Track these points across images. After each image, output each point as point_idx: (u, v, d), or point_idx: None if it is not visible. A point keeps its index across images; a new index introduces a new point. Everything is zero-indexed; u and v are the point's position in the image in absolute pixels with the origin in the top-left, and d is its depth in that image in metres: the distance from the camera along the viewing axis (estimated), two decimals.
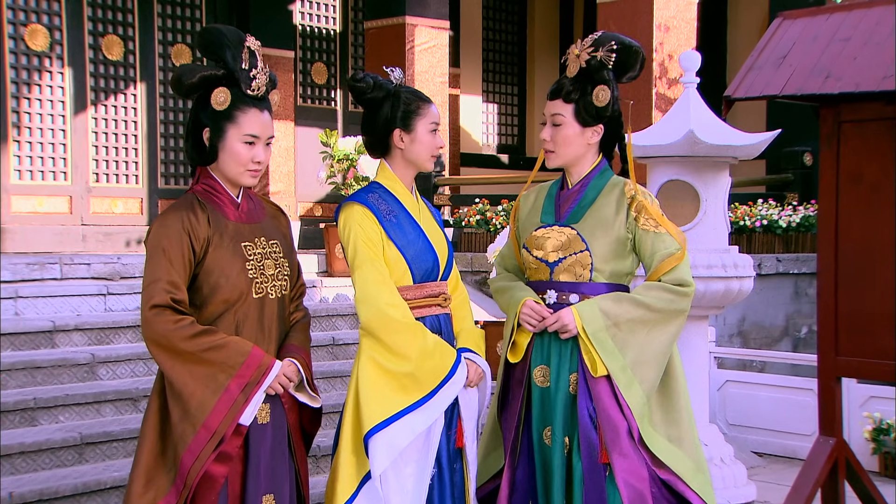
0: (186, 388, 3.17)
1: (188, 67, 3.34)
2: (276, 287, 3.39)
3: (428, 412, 3.44)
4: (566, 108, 3.55)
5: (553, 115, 3.58)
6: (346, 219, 3.55)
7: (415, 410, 3.42)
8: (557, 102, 3.57)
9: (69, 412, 5.51)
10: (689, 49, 7.90)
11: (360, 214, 3.53)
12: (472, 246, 9.30)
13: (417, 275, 3.57)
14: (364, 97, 3.61)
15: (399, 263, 3.53)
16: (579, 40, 3.59)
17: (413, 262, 3.56)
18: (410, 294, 3.56)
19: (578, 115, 3.55)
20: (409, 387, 3.43)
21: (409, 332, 3.44)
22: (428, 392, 3.44)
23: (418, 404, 3.42)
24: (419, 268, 3.57)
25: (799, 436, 6.83)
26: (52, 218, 9.49)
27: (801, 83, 3.86)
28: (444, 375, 3.47)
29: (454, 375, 3.48)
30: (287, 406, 3.38)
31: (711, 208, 5.75)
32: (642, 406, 3.41)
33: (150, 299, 3.18)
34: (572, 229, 3.55)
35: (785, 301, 8.75)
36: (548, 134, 3.59)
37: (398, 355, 3.42)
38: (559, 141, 3.57)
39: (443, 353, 3.49)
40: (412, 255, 3.56)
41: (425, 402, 3.43)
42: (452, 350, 3.55)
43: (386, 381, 3.42)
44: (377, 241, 3.51)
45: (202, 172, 3.38)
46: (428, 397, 3.44)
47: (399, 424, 3.39)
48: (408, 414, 3.40)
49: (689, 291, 3.49)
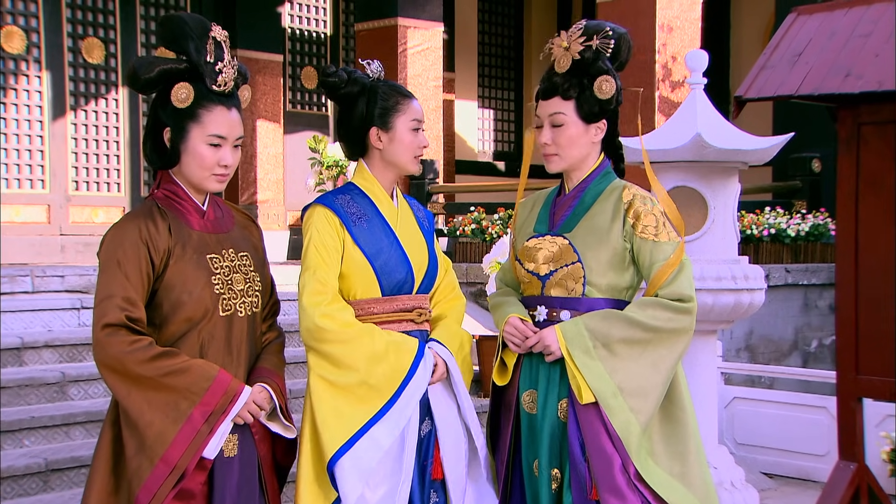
0: (143, 418, 2.93)
1: (145, 60, 3.12)
2: (246, 304, 3.15)
3: (392, 421, 3.19)
4: (566, 105, 3.31)
5: (552, 115, 3.32)
6: (306, 221, 3.36)
7: (377, 423, 3.17)
8: (555, 101, 3.32)
9: (35, 435, 5.33)
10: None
11: (320, 218, 3.32)
12: (467, 256, 9.22)
13: (387, 286, 3.32)
14: (337, 93, 3.39)
15: (365, 272, 3.30)
16: (563, 32, 3.36)
17: (382, 272, 3.31)
18: (378, 307, 3.32)
19: (581, 111, 3.31)
20: (366, 396, 3.18)
21: (350, 339, 3.19)
22: (388, 398, 3.19)
23: (380, 415, 3.18)
24: (389, 278, 3.33)
25: (812, 456, 6.65)
26: (29, 228, 9.47)
27: (818, 82, 3.85)
28: (404, 375, 3.21)
29: (416, 372, 3.23)
30: (258, 437, 3.14)
31: (720, 216, 5.56)
32: (637, 438, 3.14)
33: (103, 318, 2.97)
34: (564, 239, 3.31)
35: (794, 314, 8.61)
36: (548, 136, 3.33)
37: (343, 367, 3.19)
38: (563, 143, 3.32)
39: (398, 350, 3.23)
40: (381, 264, 3.31)
41: (387, 410, 3.19)
42: (412, 343, 3.27)
43: (339, 397, 3.18)
44: (333, 247, 3.29)
45: (163, 177, 3.16)
46: (389, 404, 3.19)
47: (364, 442, 3.15)
48: (371, 428, 3.16)
49: (691, 307, 3.22)
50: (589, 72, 3.30)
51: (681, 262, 3.25)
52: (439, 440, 3.33)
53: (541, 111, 3.35)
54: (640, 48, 8.68)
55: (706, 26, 9.85)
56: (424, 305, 3.41)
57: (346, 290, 3.31)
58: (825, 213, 8.93)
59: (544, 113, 3.33)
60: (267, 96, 11.28)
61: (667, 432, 3.25)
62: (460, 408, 3.38)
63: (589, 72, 3.30)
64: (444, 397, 3.37)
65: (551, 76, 3.34)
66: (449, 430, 3.35)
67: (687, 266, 3.27)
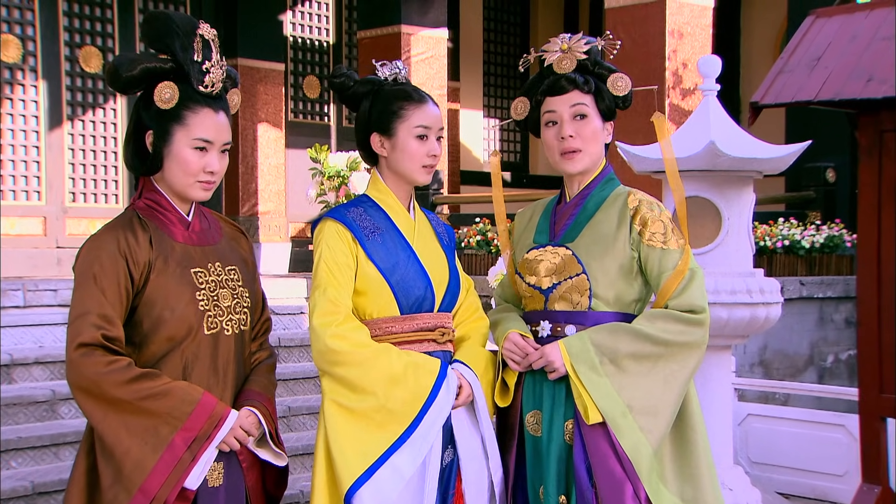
0: (120, 445, 2.74)
1: (127, 57, 2.94)
2: (234, 321, 2.97)
3: (415, 448, 2.98)
4: (587, 98, 3.13)
5: (574, 105, 3.12)
6: (316, 237, 3.17)
7: (398, 450, 2.97)
8: (574, 94, 3.13)
9: (23, 456, 5.17)
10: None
11: (331, 232, 3.13)
12: (472, 268, 9.13)
13: (405, 304, 3.11)
14: (346, 93, 3.23)
15: (382, 289, 3.09)
16: (553, 39, 3.21)
17: (399, 289, 3.10)
18: (396, 327, 3.11)
19: (601, 105, 3.15)
20: (386, 422, 2.98)
21: (365, 361, 2.99)
22: (409, 423, 2.99)
23: (400, 441, 2.97)
24: (407, 295, 3.12)
25: (830, 476, 6.43)
26: (24, 240, 9.38)
27: (838, 87, 3.87)
28: (426, 398, 3.00)
29: (438, 395, 3.01)
30: (245, 465, 2.95)
31: (734, 227, 5.40)
32: (648, 460, 2.95)
33: (77, 337, 2.76)
34: (567, 249, 3.12)
35: (809, 328, 8.50)
36: (572, 129, 3.12)
37: (359, 391, 2.98)
38: (588, 135, 3.13)
39: (417, 372, 3.01)
40: (398, 280, 3.10)
41: (408, 436, 2.98)
42: (433, 364, 3.06)
43: (357, 424, 2.98)
44: (345, 264, 3.09)
45: (145, 185, 2.98)
46: (410, 429, 2.98)
47: (384, 471, 2.95)
48: (392, 455, 2.96)
49: (703, 319, 3.03)
50: (597, 72, 3.15)
51: (691, 271, 3.07)
52: (462, 471, 3.12)
53: (558, 105, 3.14)
54: (649, 54, 8.54)
55: (716, 33, 9.76)
56: (447, 324, 3.20)
57: (361, 309, 3.11)
58: (840, 224, 8.86)
59: (565, 104, 3.13)
60: (268, 106, 11.25)
61: (678, 454, 3.08)
62: (482, 436, 3.17)
63: (597, 72, 3.15)
64: (468, 424, 3.16)
65: (555, 75, 3.15)
66: (472, 460, 3.14)
67: (698, 274, 3.08)
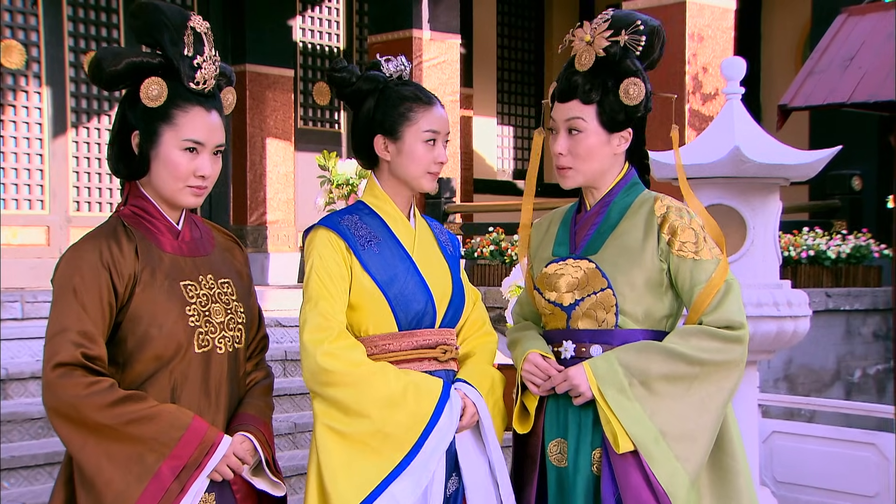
0: (101, 475, 2.54)
1: (112, 51, 2.74)
2: (227, 339, 2.77)
3: (414, 476, 2.78)
4: (586, 110, 2.89)
5: (569, 119, 2.90)
6: (307, 246, 2.96)
7: (397, 479, 2.77)
8: (573, 104, 2.90)
9: (16, 476, 5.01)
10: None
11: (323, 241, 2.92)
12: (485, 279, 9.04)
13: (404, 319, 2.90)
14: (346, 91, 3.01)
15: (379, 304, 2.89)
16: (586, 23, 2.94)
17: (397, 303, 2.90)
18: (394, 344, 2.90)
19: (603, 117, 2.89)
20: (383, 448, 2.78)
21: (360, 381, 2.78)
22: (409, 449, 2.79)
23: (399, 469, 2.77)
24: (406, 310, 2.91)
25: (859, 497, 6.17)
26: (27, 250, 9.29)
27: (874, 88, 3.66)
28: (426, 422, 2.80)
29: (440, 418, 2.81)
30: (239, 495, 2.75)
31: (760, 237, 5.21)
32: (686, 491, 2.73)
33: (54, 356, 2.56)
34: (590, 262, 2.89)
35: (836, 341, 8.32)
36: (563, 146, 2.91)
37: (353, 414, 2.78)
38: (580, 153, 2.90)
39: (419, 392, 2.81)
40: (396, 293, 2.89)
41: (407, 463, 2.78)
42: (434, 384, 2.85)
43: (351, 450, 2.78)
44: (338, 276, 2.89)
45: (132, 190, 2.77)
46: (410, 456, 2.78)
47: (382, 501, 2.75)
48: (390, 485, 2.76)
49: (741, 336, 2.80)
50: (615, 71, 2.88)
51: (726, 283, 2.84)
52: (468, 500, 2.92)
53: (556, 115, 2.94)
54: (668, 58, 8.37)
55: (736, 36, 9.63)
56: (450, 341, 2.99)
57: (356, 325, 2.90)
58: (867, 233, 8.70)
59: (560, 117, 2.92)
60: (277, 112, 11.21)
61: (717, 485, 2.86)
62: (490, 461, 2.95)
63: (615, 71, 2.88)
64: (474, 448, 2.95)
65: (571, 75, 2.92)
66: (479, 488, 2.92)
67: (735, 287, 2.85)
